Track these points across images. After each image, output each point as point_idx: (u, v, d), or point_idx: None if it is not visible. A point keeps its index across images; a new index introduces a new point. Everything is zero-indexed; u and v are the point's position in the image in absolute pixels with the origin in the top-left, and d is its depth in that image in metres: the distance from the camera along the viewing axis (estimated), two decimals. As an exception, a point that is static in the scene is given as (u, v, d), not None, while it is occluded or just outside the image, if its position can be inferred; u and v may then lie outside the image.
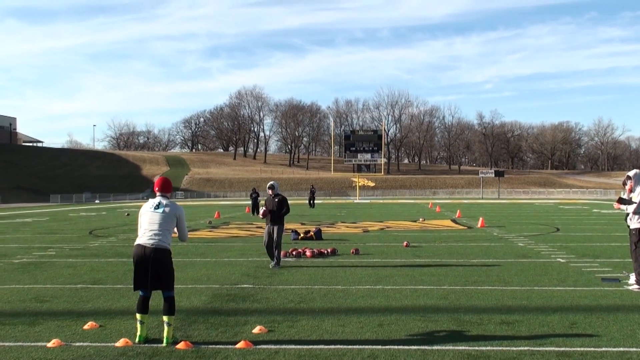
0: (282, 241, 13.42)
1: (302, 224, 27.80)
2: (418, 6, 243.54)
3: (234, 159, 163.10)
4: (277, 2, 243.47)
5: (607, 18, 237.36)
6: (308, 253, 15.30)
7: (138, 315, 7.17)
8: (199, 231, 24.37)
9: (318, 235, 20.20)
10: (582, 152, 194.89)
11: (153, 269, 7.13)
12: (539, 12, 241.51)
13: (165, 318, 7.11)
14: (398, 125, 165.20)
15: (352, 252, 15.75)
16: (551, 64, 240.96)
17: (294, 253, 15.41)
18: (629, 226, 10.98)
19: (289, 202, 14.02)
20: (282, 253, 15.29)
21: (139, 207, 45.51)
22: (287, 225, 26.15)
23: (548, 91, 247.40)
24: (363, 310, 8.73)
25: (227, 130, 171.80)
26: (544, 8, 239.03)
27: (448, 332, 7.44)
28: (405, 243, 17.79)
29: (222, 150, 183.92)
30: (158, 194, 7.56)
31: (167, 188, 7.65)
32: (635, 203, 10.32)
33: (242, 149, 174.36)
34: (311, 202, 49.77)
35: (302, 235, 20.17)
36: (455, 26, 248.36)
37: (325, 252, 15.70)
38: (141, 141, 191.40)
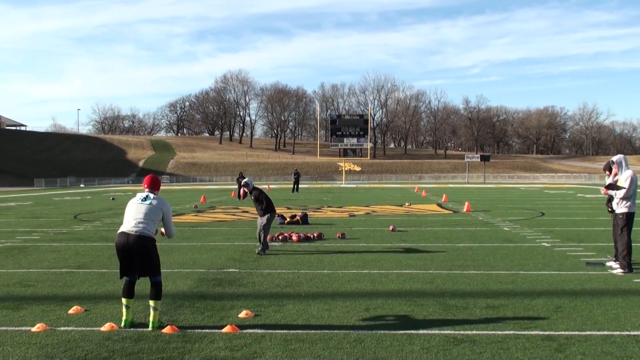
0: (269, 226, 13.29)
1: (289, 208, 27.78)
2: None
3: (220, 143, 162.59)
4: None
5: (595, 2, 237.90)
6: (294, 237, 15.29)
7: (124, 300, 7.17)
8: (184, 215, 24.30)
9: (304, 219, 20.20)
10: (567, 137, 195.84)
11: (138, 256, 7.16)
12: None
13: (151, 302, 7.08)
14: (384, 109, 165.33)
15: (338, 237, 15.77)
16: (538, 48, 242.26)
17: (280, 237, 15.38)
18: (611, 210, 11.07)
19: (266, 193, 13.73)
20: (268, 237, 15.31)
21: (125, 191, 45.45)
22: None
23: (534, 76, 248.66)
24: (349, 295, 8.74)
25: (212, 114, 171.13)
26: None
27: (434, 316, 7.47)
28: (391, 227, 17.82)
29: (207, 134, 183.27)
30: (147, 190, 7.62)
31: (156, 186, 7.73)
32: (625, 188, 10.37)
33: (227, 133, 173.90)
34: (295, 186, 49.47)
35: (288, 219, 20.15)
36: (442, 10, 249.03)
37: (312, 236, 15.69)
38: (126, 125, 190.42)
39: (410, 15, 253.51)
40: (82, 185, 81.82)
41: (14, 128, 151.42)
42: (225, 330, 6.81)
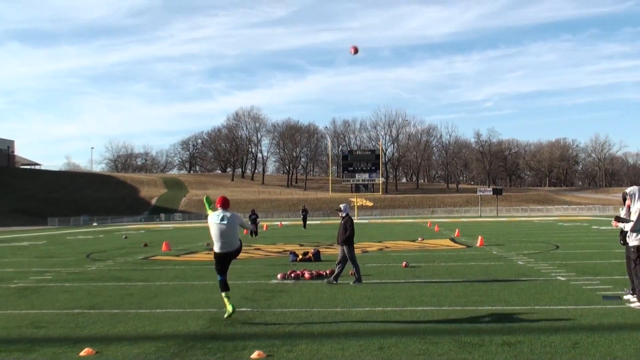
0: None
1: (301, 245, 27.69)
2: (419, 26, 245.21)
3: (232, 180, 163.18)
4: (278, 23, 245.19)
5: (608, 34, 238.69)
6: (307, 275, 15.19)
7: (224, 293, 9.92)
8: (197, 254, 24.26)
9: (317, 256, 20.09)
10: (579, 169, 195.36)
11: (226, 263, 10.13)
12: (539, 30, 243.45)
13: (224, 294, 9.94)
14: (395, 144, 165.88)
15: (351, 274, 15.64)
16: (552, 81, 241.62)
17: (292, 275, 15.28)
18: (623, 243, 10.95)
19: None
20: (280, 275, 15.25)
21: (137, 229, 45.49)
22: (285, 247, 26.14)
23: (548, 108, 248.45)
24: (363, 333, 8.63)
25: (224, 151, 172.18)
26: (544, 26, 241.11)
27: (449, 354, 7.34)
28: (404, 263, 17.70)
29: (220, 171, 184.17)
30: (221, 209, 10.13)
31: (227, 205, 10.28)
32: (632, 221, 10.29)
33: (240, 170, 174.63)
34: (304, 223, 49.24)
35: (300, 256, 20.05)
36: (456, 45, 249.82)
37: (324, 273, 15.56)
38: (139, 163, 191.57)
39: (423, 51, 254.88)
40: (95, 224, 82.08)
41: (28, 167, 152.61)
42: (237, 371, 6.72)
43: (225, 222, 9.96)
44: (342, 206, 15.09)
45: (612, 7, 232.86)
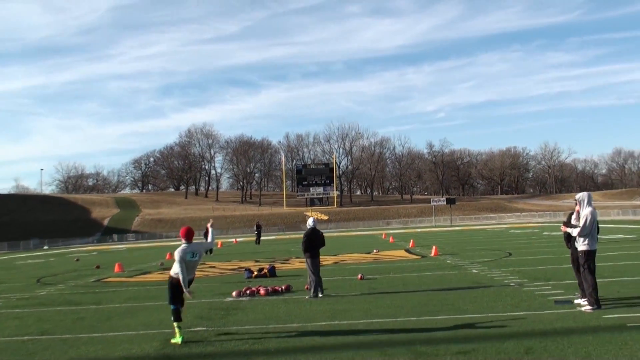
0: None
1: (256, 261, 27.53)
2: (371, 39, 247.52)
3: (186, 198, 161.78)
4: (230, 39, 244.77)
5: (555, 44, 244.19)
6: (262, 291, 15.10)
7: (176, 323, 9.65)
8: (150, 274, 23.91)
9: (272, 272, 19.98)
10: (530, 176, 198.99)
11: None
12: (488, 41, 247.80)
13: (176, 323, 9.69)
14: (349, 157, 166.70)
15: (307, 288, 15.59)
16: (502, 90, 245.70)
17: (247, 292, 15.18)
18: (570, 247, 11.22)
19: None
20: (235, 292, 15.13)
21: (89, 251, 44.37)
22: (240, 264, 25.95)
23: (498, 118, 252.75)
24: (319, 348, 8.59)
25: (177, 169, 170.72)
26: (493, 37, 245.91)
27: (405, 365, 7.36)
28: (359, 276, 17.72)
29: (173, 189, 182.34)
30: (186, 242, 9.99)
31: (191, 236, 10.14)
32: (580, 227, 10.55)
33: (193, 187, 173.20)
34: (258, 239, 48.88)
35: (255, 273, 19.93)
36: (407, 57, 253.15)
37: (280, 289, 15.50)
38: (90, 183, 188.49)
39: (374, 63, 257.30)
40: (45, 247, 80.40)
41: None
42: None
43: (197, 258, 10.05)
44: (309, 220, 15.30)
45: (558, 18, 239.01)
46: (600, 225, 11.36)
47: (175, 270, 9.79)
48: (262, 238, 50.22)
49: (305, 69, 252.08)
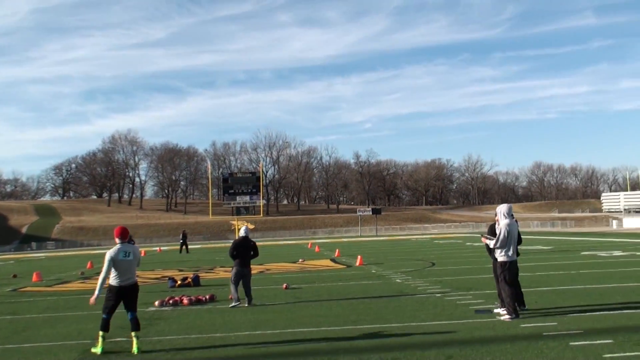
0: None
1: (180, 270, 27.13)
2: (300, 48, 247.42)
3: (109, 205, 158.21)
4: (157, 44, 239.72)
5: (479, 59, 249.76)
6: (185, 301, 14.86)
7: (102, 333, 9.33)
8: (70, 283, 23.23)
9: (196, 281, 19.71)
10: (454, 188, 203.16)
11: (132, 298, 9.58)
12: (415, 53, 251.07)
13: (133, 333, 9.28)
14: (276, 166, 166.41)
15: (230, 298, 15.43)
16: (427, 103, 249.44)
17: (170, 302, 14.91)
18: (492, 257, 11.49)
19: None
20: (158, 302, 14.85)
21: (6, 260, 42.84)
22: (164, 273, 25.52)
23: (424, 129, 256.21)
24: (241, 358, 8.50)
25: (100, 176, 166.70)
26: (419, 50, 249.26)
27: (328, 375, 7.35)
28: (284, 285, 17.66)
29: (95, 196, 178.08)
30: (120, 242, 9.62)
31: (126, 235, 9.82)
32: (496, 238, 10.88)
33: (116, 195, 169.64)
34: (184, 247, 48.24)
35: (179, 282, 19.61)
36: (335, 67, 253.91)
37: (204, 299, 15.29)
38: (8, 190, 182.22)
39: (303, 73, 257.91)
40: (-41, 256, 77.25)
41: None
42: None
43: (131, 257, 9.56)
44: (242, 228, 15.29)
45: (482, 33, 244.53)
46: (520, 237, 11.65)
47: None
48: (188, 247, 49.50)
49: (234, 77, 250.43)
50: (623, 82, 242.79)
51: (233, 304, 14.10)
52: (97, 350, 9.23)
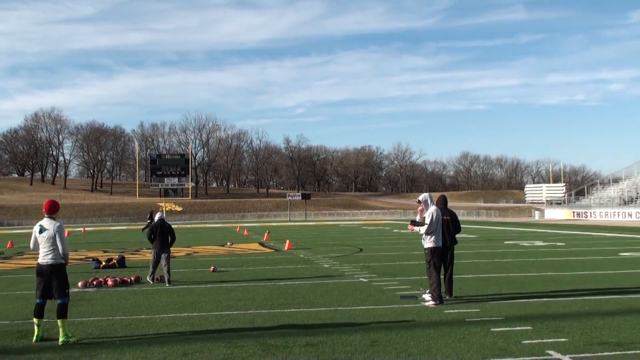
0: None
1: (105, 251, 26.64)
2: (234, 31, 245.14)
3: (31, 184, 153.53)
4: (85, 21, 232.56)
5: (412, 48, 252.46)
6: (110, 282, 14.61)
7: (36, 320, 8.60)
8: (-11, 262, 22.51)
9: (121, 262, 19.40)
10: (383, 175, 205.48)
11: (49, 280, 8.75)
12: (349, 40, 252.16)
13: (59, 322, 8.47)
14: (206, 149, 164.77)
15: (157, 280, 15.26)
16: (360, 90, 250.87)
17: (94, 283, 14.63)
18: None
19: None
20: (81, 283, 14.55)
21: None
22: (88, 254, 25.01)
23: (355, 116, 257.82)
24: (167, 340, 8.42)
25: (22, 154, 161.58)
26: (354, 37, 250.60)
27: (254, 357, 7.35)
28: (212, 268, 17.56)
29: (17, 175, 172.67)
30: (46, 216, 8.92)
31: (53, 210, 8.94)
32: (427, 224, 11.04)
33: (39, 173, 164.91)
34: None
35: (103, 263, 19.25)
36: (269, 51, 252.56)
37: (129, 280, 15.05)
38: None
39: (236, 56, 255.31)
40: None
41: None
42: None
43: (44, 234, 8.70)
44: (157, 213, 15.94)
45: (416, 22, 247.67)
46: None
47: None
48: (112, 228, 48.55)
49: (164, 57, 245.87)
50: (550, 77, 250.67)
51: (148, 278, 15.02)
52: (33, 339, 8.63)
